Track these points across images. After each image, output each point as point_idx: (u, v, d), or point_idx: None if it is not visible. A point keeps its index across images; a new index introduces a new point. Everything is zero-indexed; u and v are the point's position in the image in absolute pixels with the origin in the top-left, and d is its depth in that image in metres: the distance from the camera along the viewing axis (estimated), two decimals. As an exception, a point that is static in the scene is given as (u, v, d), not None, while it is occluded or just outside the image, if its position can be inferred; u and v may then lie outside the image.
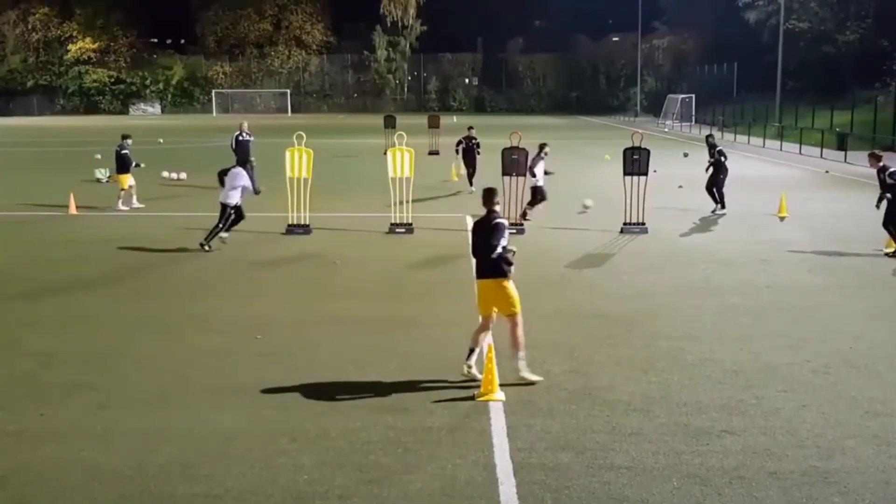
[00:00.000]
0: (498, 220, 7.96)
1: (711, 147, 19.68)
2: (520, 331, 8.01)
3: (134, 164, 19.20)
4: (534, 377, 8.03)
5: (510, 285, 7.97)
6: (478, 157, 23.10)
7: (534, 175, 17.09)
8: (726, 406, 7.50)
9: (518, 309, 7.99)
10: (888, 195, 14.55)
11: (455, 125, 56.68)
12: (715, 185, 19.23)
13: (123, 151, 19.52)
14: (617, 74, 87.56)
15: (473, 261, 8.22)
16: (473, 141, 23.12)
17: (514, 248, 8.11)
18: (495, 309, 8.03)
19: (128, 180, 19.64)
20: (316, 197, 17.09)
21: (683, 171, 27.88)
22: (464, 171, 23.46)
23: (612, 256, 14.38)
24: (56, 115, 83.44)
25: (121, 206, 19.55)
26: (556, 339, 9.49)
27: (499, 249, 7.84)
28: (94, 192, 20.12)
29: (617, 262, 13.96)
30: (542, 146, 17.64)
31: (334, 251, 14.72)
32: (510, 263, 7.94)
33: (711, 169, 19.27)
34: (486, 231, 7.93)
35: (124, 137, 19.96)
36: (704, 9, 68.19)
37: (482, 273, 8.03)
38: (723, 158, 19.14)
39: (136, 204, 19.79)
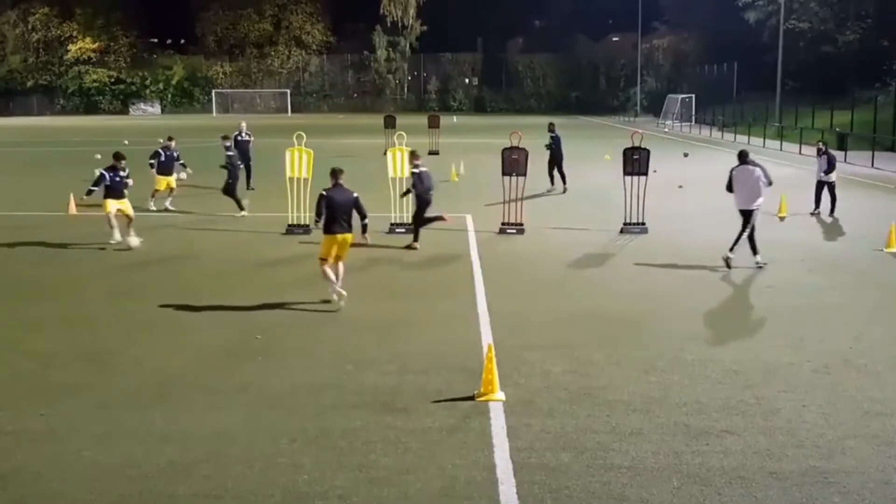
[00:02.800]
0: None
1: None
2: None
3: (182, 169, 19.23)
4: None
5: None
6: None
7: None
8: (726, 406, 7.50)
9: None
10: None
11: (455, 125, 56.71)
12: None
13: (169, 153, 19.60)
14: (617, 74, 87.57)
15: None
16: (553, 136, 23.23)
17: None
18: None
19: (166, 182, 19.57)
20: (316, 197, 17.05)
21: (683, 171, 27.89)
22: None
23: (612, 256, 14.38)
24: (56, 115, 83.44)
25: (152, 206, 19.52)
26: (556, 339, 9.49)
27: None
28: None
29: (617, 262, 13.96)
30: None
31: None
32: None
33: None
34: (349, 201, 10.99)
35: (170, 139, 20.05)
36: (704, 9, 68.15)
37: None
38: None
39: (168, 206, 19.70)
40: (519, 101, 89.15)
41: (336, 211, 10.88)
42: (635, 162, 16.46)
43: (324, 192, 10.97)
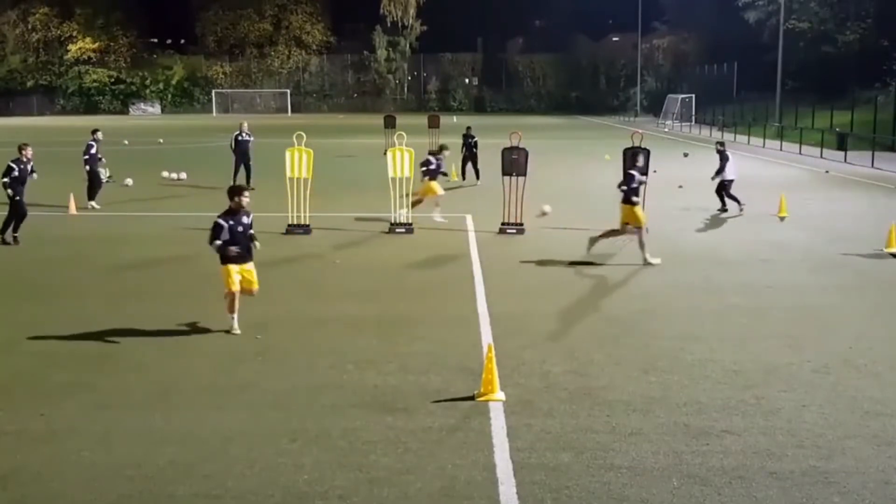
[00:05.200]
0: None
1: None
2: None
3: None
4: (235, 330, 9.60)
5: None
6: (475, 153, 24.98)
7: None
8: (726, 406, 7.50)
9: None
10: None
11: (455, 125, 56.72)
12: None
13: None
14: (617, 74, 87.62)
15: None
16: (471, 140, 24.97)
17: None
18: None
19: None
20: (316, 197, 17.10)
21: (683, 171, 27.89)
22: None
23: (613, 256, 14.37)
24: (56, 115, 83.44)
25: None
26: (556, 339, 9.49)
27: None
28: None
29: (617, 262, 13.95)
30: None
31: (334, 251, 14.72)
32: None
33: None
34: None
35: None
36: (704, 9, 68.21)
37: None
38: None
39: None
40: (519, 101, 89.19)
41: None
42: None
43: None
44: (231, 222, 9.59)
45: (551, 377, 8.22)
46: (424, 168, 17.68)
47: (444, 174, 19.08)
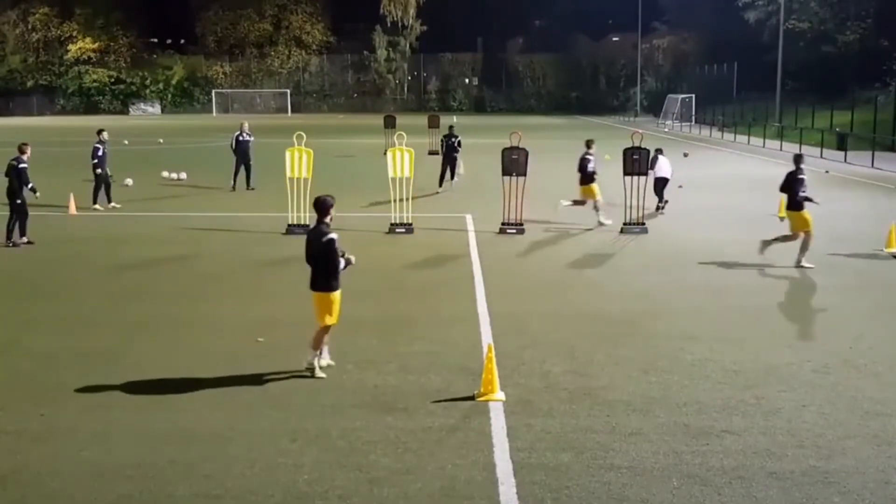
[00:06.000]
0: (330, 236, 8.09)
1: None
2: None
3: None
4: (319, 373, 8.16)
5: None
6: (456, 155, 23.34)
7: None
8: (726, 406, 7.50)
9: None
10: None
11: (455, 125, 56.65)
12: None
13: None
14: (617, 74, 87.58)
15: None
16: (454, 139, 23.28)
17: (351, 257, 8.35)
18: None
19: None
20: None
21: (683, 171, 27.84)
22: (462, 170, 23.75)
23: (612, 256, 14.38)
24: (56, 115, 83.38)
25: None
26: (556, 339, 9.49)
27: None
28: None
29: (617, 262, 13.96)
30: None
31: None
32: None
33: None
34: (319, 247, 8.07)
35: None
36: (704, 9, 68.17)
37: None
38: None
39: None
40: (519, 101, 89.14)
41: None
42: (635, 162, 16.46)
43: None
44: None
45: (551, 377, 8.22)
46: (589, 169, 17.24)
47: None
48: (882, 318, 10.56)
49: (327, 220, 8.20)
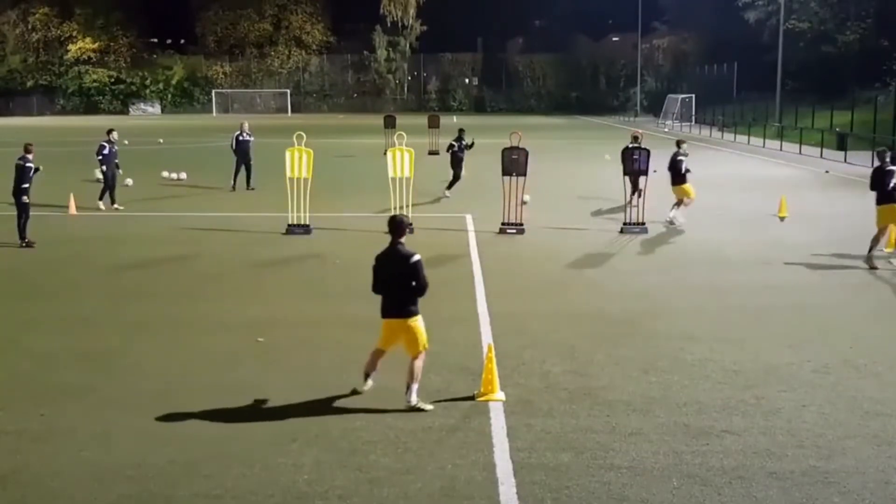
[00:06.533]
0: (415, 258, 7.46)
1: None
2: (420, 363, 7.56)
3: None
4: (427, 406, 7.39)
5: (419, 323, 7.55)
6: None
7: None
8: (726, 406, 7.50)
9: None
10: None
11: (455, 125, 56.70)
12: None
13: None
14: (617, 74, 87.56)
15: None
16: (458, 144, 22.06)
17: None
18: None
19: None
20: (316, 197, 17.09)
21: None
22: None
23: (612, 256, 14.38)
24: (56, 115, 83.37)
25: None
26: (556, 339, 9.49)
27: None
28: (94, 191, 20.09)
29: (617, 262, 13.96)
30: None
31: (334, 251, 14.71)
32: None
33: None
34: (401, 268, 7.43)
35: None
36: (704, 9, 68.14)
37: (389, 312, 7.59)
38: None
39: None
40: (519, 101, 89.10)
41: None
42: (635, 162, 16.46)
43: None
44: None
45: (551, 377, 8.22)
46: (683, 169, 17.15)
47: (655, 171, 17.80)
48: (882, 318, 10.56)
49: (402, 240, 7.64)
